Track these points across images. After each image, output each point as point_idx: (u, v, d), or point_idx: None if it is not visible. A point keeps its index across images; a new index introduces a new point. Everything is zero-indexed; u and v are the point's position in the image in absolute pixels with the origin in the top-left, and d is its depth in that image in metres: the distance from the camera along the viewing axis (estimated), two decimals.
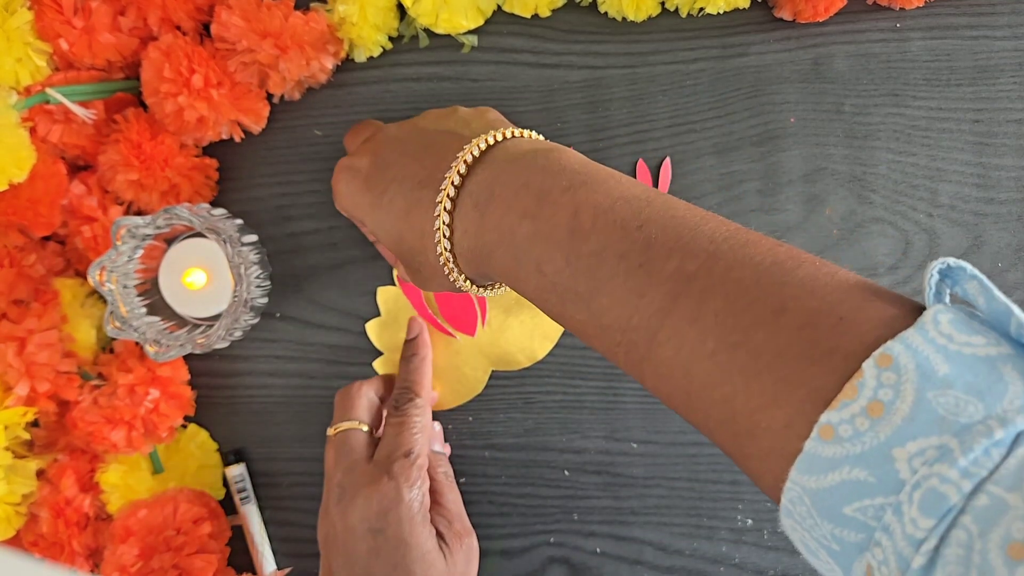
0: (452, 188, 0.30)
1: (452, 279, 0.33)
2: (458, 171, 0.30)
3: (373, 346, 0.45)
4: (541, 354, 0.45)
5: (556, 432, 0.45)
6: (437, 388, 0.45)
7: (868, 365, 0.20)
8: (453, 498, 0.40)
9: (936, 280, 0.22)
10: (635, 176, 0.44)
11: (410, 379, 0.41)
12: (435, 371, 0.45)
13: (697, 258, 0.23)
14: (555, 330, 0.45)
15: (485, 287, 0.35)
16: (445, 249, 0.31)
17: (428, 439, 0.40)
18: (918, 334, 0.20)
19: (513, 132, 0.32)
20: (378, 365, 0.45)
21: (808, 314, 0.21)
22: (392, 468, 0.37)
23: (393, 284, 0.45)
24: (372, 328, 0.45)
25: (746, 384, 0.21)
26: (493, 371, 0.45)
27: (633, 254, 0.25)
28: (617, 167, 0.44)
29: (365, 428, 0.39)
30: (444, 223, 0.31)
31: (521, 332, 0.45)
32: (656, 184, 0.44)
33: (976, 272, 0.22)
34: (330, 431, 0.40)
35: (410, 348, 0.43)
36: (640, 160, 0.44)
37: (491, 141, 0.31)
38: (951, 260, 0.22)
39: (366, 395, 0.41)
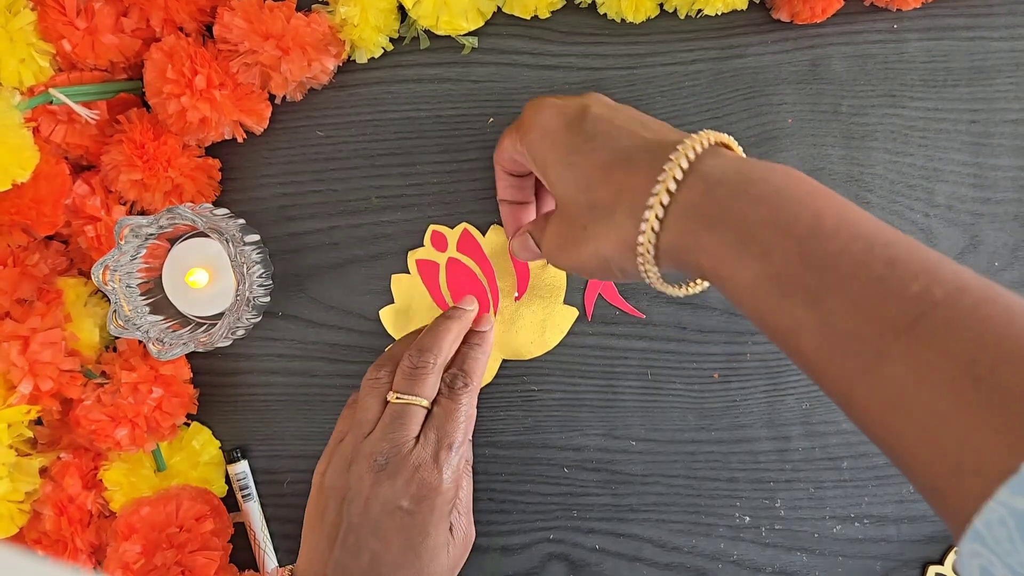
0: (685, 161, 0.29)
1: (641, 263, 0.31)
2: (693, 147, 0.29)
3: (373, 345, 0.45)
4: (551, 344, 0.45)
5: (556, 430, 0.46)
6: (509, 352, 0.45)
7: None
8: (467, 488, 0.41)
9: None
10: None
11: (468, 366, 0.41)
12: (502, 338, 0.45)
13: (944, 286, 0.23)
14: (565, 321, 0.45)
15: (683, 287, 0.34)
16: (648, 250, 0.30)
17: (472, 424, 0.40)
18: None
19: (713, 138, 0.31)
20: (384, 314, 0.45)
21: None
22: (440, 456, 0.37)
23: (407, 272, 0.45)
24: (386, 315, 0.45)
25: (980, 418, 0.21)
26: (502, 362, 0.45)
27: (876, 264, 0.25)
28: None
29: (426, 406, 0.39)
30: (667, 190, 0.29)
31: (532, 322, 0.45)
32: None
33: None
34: (391, 396, 0.39)
35: (477, 337, 0.42)
36: None
37: (725, 139, 0.31)
38: None
39: (439, 371, 0.40)
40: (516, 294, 0.45)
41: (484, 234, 0.45)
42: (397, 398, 0.39)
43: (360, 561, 0.36)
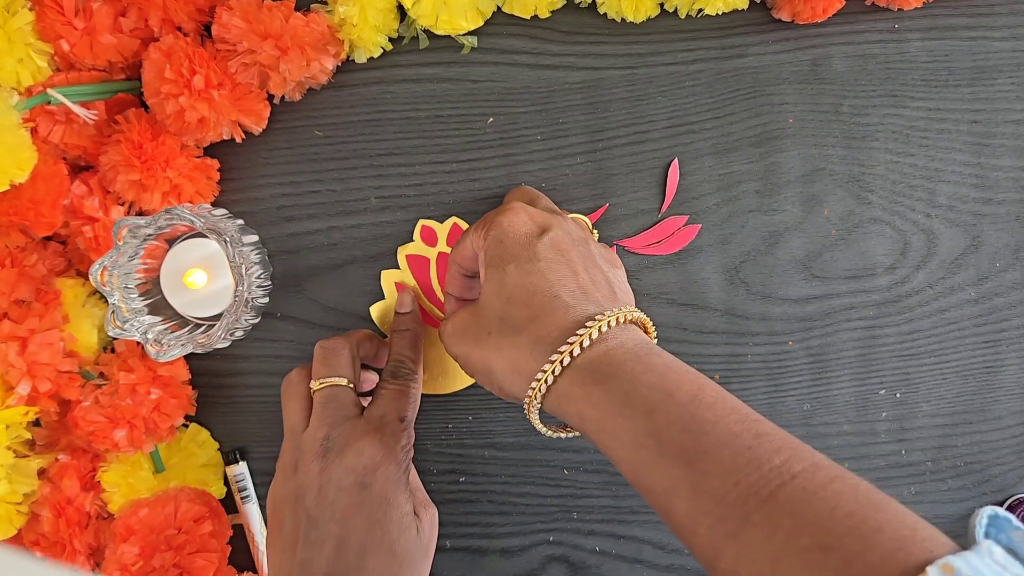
0: (597, 332, 0.31)
1: (528, 397, 0.33)
2: (609, 322, 0.32)
3: None
4: None
5: None
6: (439, 372, 0.45)
7: (933, 570, 0.22)
8: (414, 473, 0.40)
9: (985, 523, 0.26)
10: (667, 175, 0.44)
11: (406, 353, 0.41)
12: (437, 357, 0.45)
13: (802, 461, 0.26)
14: None
15: (556, 429, 0.36)
16: (537, 395, 0.32)
17: (416, 409, 0.40)
18: (976, 556, 0.22)
19: (629, 315, 0.33)
20: (375, 309, 0.45)
21: (895, 539, 0.24)
22: (385, 428, 0.37)
23: (397, 268, 0.45)
24: (376, 310, 0.45)
25: None
26: None
27: (746, 436, 0.27)
28: (617, 167, 0.44)
29: (349, 385, 0.39)
30: (548, 380, 0.32)
31: None
32: (665, 185, 0.44)
33: (1020, 524, 0.26)
34: (315, 385, 0.38)
35: (404, 322, 0.42)
36: (675, 160, 0.44)
37: (643, 320, 0.33)
38: (1000, 510, 0.26)
39: (351, 351, 0.40)
40: None
41: None
42: (320, 384, 0.38)
43: (324, 553, 0.34)
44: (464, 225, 0.45)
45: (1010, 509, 0.45)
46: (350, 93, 0.45)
